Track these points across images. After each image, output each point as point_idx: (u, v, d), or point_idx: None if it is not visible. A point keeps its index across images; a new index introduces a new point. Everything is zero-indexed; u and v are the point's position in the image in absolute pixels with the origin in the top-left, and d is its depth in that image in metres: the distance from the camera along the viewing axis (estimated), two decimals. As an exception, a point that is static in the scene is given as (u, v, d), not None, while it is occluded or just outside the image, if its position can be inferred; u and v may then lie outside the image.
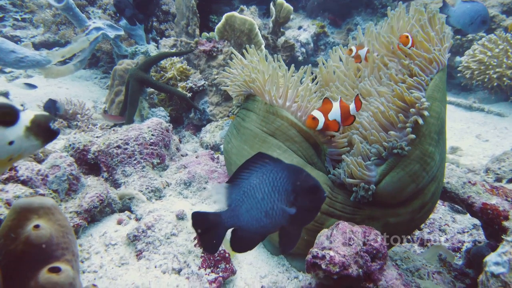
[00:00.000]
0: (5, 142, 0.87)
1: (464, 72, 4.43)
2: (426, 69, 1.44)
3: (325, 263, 1.29)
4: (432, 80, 1.44)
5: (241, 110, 1.77)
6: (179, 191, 2.09)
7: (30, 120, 0.91)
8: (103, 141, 2.12)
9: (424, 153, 1.39)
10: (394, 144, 1.37)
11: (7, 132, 0.87)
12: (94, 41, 3.39)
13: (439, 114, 1.42)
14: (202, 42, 3.24)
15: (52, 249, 0.97)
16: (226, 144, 1.86)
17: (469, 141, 3.80)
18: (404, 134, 1.37)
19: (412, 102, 1.36)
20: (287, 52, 3.82)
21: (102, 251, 1.65)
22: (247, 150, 1.68)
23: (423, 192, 1.44)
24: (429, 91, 1.41)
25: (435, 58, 1.43)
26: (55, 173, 1.68)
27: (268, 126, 1.61)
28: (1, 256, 0.93)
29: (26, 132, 0.91)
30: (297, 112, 1.57)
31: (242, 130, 1.71)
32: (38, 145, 0.96)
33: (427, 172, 1.41)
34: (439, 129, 1.43)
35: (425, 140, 1.39)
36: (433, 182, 1.46)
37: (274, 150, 1.60)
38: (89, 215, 1.72)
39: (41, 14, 4.75)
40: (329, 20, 6.41)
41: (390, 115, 1.40)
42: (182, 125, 3.35)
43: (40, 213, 0.99)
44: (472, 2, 2.54)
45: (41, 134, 0.94)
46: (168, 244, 1.69)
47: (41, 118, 0.93)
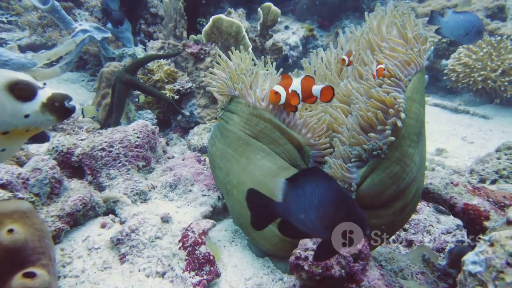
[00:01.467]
0: (21, 115, 0.99)
1: (450, 75, 4.49)
2: (404, 70, 1.45)
3: (308, 264, 1.30)
4: (410, 82, 1.44)
5: (225, 112, 1.75)
6: (165, 194, 2.08)
7: (47, 97, 1.01)
8: (88, 144, 2.10)
9: (404, 155, 1.40)
10: (374, 146, 1.37)
11: (24, 106, 0.98)
12: (81, 44, 3.36)
13: (417, 115, 1.43)
14: (190, 45, 3.23)
15: (27, 254, 0.95)
16: (210, 147, 1.85)
17: (455, 143, 3.86)
18: (384, 136, 1.37)
19: (391, 103, 1.37)
20: (275, 55, 3.83)
21: (84, 255, 1.63)
22: (230, 154, 1.67)
23: (404, 193, 1.45)
24: (408, 92, 1.42)
25: (412, 59, 1.44)
26: (36, 176, 1.65)
27: (252, 128, 1.61)
28: (-26, 261, 0.92)
29: (42, 107, 1.01)
30: (280, 114, 1.57)
31: (225, 133, 1.70)
32: (53, 120, 1.05)
33: (407, 174, 1.42)
34: (418, 130, 1.44)
35: (405, 141, 1.39)
36: (414, 183, 1.47)
37: (257, 153, 1.59)
38: (71, 218, 1.70)
39: (27, 17, 4.69)
40: (318, 23, 6.46)
41: (369, 117, 1.40)
42: (169, 128, 3.34)
43: (15, 217, 0.97)
44: (465, 13, 2.56)
45: (56, 111, 1.03)
46: (153, 247, 1.68)
47: (58, 96, 1.03)
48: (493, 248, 0.94)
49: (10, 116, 0.98)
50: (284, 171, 1.56)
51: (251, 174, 1.59)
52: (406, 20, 1.56)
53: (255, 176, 1.58)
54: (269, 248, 1.64)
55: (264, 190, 1.55)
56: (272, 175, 1.55)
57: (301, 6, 6.59)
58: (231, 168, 1.67)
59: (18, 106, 0.98)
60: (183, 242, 1.67)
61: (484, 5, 5.09)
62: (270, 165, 1.57)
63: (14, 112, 0.98)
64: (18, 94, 0.97)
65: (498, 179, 2.44)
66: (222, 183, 1.75)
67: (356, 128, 1.44)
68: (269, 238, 1.59)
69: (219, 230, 1.93)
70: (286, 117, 1.57)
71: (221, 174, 1.73)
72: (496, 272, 0.95)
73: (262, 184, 1.55)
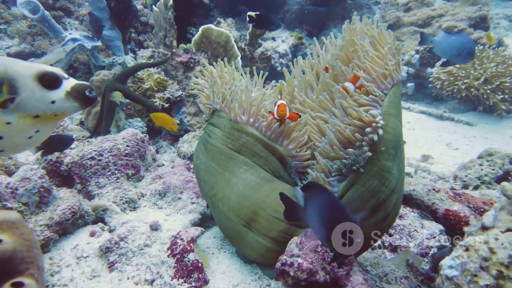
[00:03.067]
0: (48, 101, 1.15)
1: (435, 82, 4.60)
2: (381, 84, 1.47)
3: (293, 270, 1.33)
4: (387, 96, 1.46)
5: (208, 125, 1.75)
6: (154, 202, 2.10)
7: (71, 86, 1.17)
8: (77, 153, 2.11)
9: (382, 169, 1.43)
10: (353, 161, 1.41)
11: (50, 93, 1.15)
12: (71, 52, 3.37)
13: (395, 130, 1.46)
14: (180, 54, 3.27)
15: (15, 264, 0.97)
16: (195, 159, 1.85)
17: (440, 149, 3.94)
18: (362, 151, 1.40)
19: (369, 121, 1.39)
20: (264, 63, 3.89)
21: (73, 264, 1.64)
22: (214, 167, 1.67)
23: (384, 204, 1.49)
24: (384, 107, 1.44)
25: (390, 73, 1.46)
26: (25, 185, 1.66)
27: (234, 143, 1.61)
28: (-37, 270, 0.93)
29: (66, 95, 1.17)
30: (261, 127, 1.58)
31: (208, 146, 1.70)
32: (77, 106, 1.21)
33: (386, 186, 1.45)
34: (395, 144, 1.47)
35: (383, 156, 1.42)
36: (394, 193, 1.51)
37: (240, 167, 1.60)
38: (60, 227, 1.71)
39: (16, 25, 4.69)
40: (306, 31, 6.57)
41: (347, 135, 1.43)
42: (159, 135, 3.35)
43: (4, 227, 0.99)
44: (457, 34, 2.63)
45: (78, 98, 1.18)
46: (141, 255, 1.69)
47: (79, 86, 1.18)
48: (468, 253, 0.98)
49: (39, 102, 1.13)
50: (267, 182, 1.58)
51: (235, 187, 1.60)
52: (379, 34, 1.59)
53: (239, 189, 1.59)
54: (256, 257, 1.66)
55: (248, 203, 1.59)
56: (255, 188, 1.57)
57: (290, 15, 6.70)
58: (215, 181, 1.68)
59: (45, 94, 1.13)
60: (172, 250, 1.69)
61: (468, 15, 5.23)
62: (253, 178, 1.58)
63: (42, 98, 1.13)
64: (46, 83, 1.13)
65: (480, 185, 2.51)
66: (208, 196, 1.76)
67: (336, 143, 1.46)
68: (256, 249, 1.62)
69: (208, 237, 1.96)
70: (267, 130, 1.58)
71: (206, 187, 1.74)
72: (471, 275, 1.00)
73: (246, 197, 1.57)
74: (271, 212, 1.56)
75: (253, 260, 1.72)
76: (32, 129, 1.17)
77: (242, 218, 1.60)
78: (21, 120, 1.13)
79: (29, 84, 1.11)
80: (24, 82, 1.11)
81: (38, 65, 1.16)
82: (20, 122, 1.13)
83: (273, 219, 1.56)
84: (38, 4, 3.23)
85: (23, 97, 1.11)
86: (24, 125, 1.15)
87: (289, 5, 6.84)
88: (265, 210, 1.56)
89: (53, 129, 1.31)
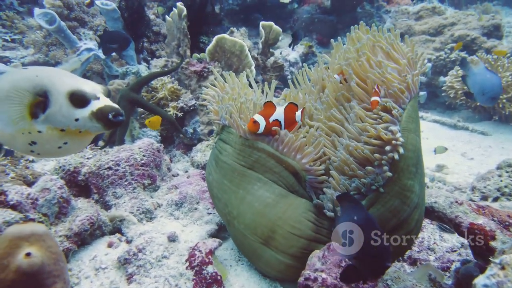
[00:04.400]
0: (72, 118, 1.19)
1: (449, 91, 4.56)
2: (399, 99, 1.42)
3: (317, 285, 1.30)
4: (405, 111, 1.42)
5: (218, 141, 1.71)
6: (170, 212, 2.08)
7: (97, 107, 1.19)
8: (94, 163, 2.11)
9: (404, 188, 1.39)
10: (372, 180, 1.37)
11: (76, 111, 1.18)
12: (86, 62, 3.41)
13: (415, 146, 1.42)
14: (193, 63, 3.28)
15: (43, 277, 0.96)
16: (207, 175, 1.81)
17: (455, 159, 3.89)
18: (381, 170, 1.35)
19: (388, 139, 1.34)
20: (277, 72, 3.89)
21: (92, 276, 1.63)
22: (227, 185, 1.63)
23: (406, 222, 1.45)
24: (403, 123, 1.40)
25: (408, 87, 1.42)
26: (45, 196, 1.67)
27: (246, 159, 1.57)
28: (-8, 285, 0.92)
29: (90, 115, 1.19)
30: (273, 142, 1.55)
31: (220, 163, 1.67)
32: (99, 127, 1.22)
33: (408, 205, 1.41)
34: (416, 160, 1.43)
35: (403, 175, 1.38)
36: (416, 210, 1.47)
37: (254, 184, 1.57)
38: (79, 238, 1.70)
39: (31, 35, 4.76)
40: (316, 40, 6.59)
41: (366, 154, 1.38)
42: (173, 145, 3.36)
43: (32, 240, 0.98)
44: (493, 73, 2.59)
45: (101, 120, 1.20)
46: (159, 267, 1.68)
47: (105, 108, 1.20)
48: (505, 272, 0.95)
49: (64, 117, 1.18)
50: (283, 198, 1.55)
51: (250, 205, 1.57)
52: (395, 44, 1.53)
53: (254, 207, 1.56)
54: (275, 274, 1.63)
55: (265, 220, 1.56)
56: (271, 205, 1.54)
57: (300, 23, 6.73)
58: (229, 199, 1.64)
59: (71, 111, 1.18)
60: (190, 262, 1.68)
61: (480, 23, 5.20)
62: (268, 195, 1.55)
63: (67, 115, 1.18)
64: (74, 101, 1.17)
65: (500, 197, 2.46)
66: (222, 213, 1.73)
67: (353, 162, 1.43)
68: (275, 266, 1.59)
69: (225, 249, 1.94)
70: (279, 144, 1.55)
71: (220, 205, 1.72)
72: (507, 294, 0.96)
73: (262, 214, 1.55)
74: (289, 229, 1.53)
75: (272, 277, 1.69)
76: (60, 140, 1.22)
77: (259, 236, 1.58)
78: (49, 131, 1.20)
79: (59, 99, 1.17)
80: (56, 97, 1.17)
81: (76, 82, 1.20)
82: (49, 133, 1.20)
83: (291, 236, 1.53)
84: (54, 15, 3.28)
85: (51, 111, 1.17)
86: (52, 136, 1.21)
87: (299, 14, 6.87)
88: (283, 227, 1.53)
89: (83, 143, 1.33)
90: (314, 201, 1.56)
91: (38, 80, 1.19)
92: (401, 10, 6.31)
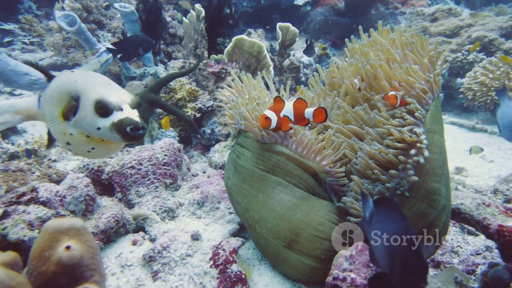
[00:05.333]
0: (94, 126, 1.19)
1: (466, 93, 4.50)
2: (422, 100, 1.39)
3: (346, 285, 1.29)
4: (428, 112, 1.39)
5: (235, 145, 1.71)
6: (192, 211, 2.10)
7: (118, 119, 1.17)
8: (117, 162, 2.14)
9: (430, 191, 1.37)
10: (397, 184, 1.35)
11: (98, 120, 1.18)
12: (105, 63, 3.46)
13: (440, 148, 1.39)
14: (211, 64, 3.30)
15: (82, 270, 0.98)
16: (226, 179, 1.80)
17: (474, 162, 3.83)
18: (406, 174, 1.32)
19: (412, 142, 1.31)
20: (293, 73, 3.89)
21: (118, 273, 1.65)
22: (247, 190, 1.63)
23: (434, 224, 1.43)
24: (427, 124, 1.37)
25: (432, 87, 1.39)
26: (72, 194, 1.69)
27: (265, 163, 1.56)
28: (33, 277, 0.94)
29: (111, 126, 1.17)
30: (291, 144, 1.54)
31: (238, 168, 1.66)
32: (118, 138, 1.19)
33: (435, 208, 1.39)
34: (442, 162, 1.40)
35: (430, 178, 1.35)
36: (443, 212, 1.44)
37: (275, 187, 1.56)
38: (105, 236, 1.73)
39: (49, 38, 4.85)
40: (330, 42, 6.56)
41: (390, 158, 1.36)
42: (190, 145, 3.38)
43: (71, 233, 1.00)
44: None
45: (120, 132, 1.18)
46: (184, 265, 1.69)
47: (125, 120, 1.17)
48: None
49: (87, 125, 1.20)
50: (304, 201, 1.54)
51: (272, 209, 1.56)
52: (418, 43, 1.49)
53: (276, 211, 1.55)
54: (300, 277, 1.62)
55: (287, 224, 1.55)
56: (293, 208, 1.53)
57: (314, 25, 6.72)
58: (249, 204, 1.64)
59: (95, 119, 1.18)
60: (214, 260, 1.68)
61: (498, 24, 5.13)
62: (290, 198, 1.54)
63: (91, 122, 1.19)
64: (98, 110, 1.17)
65: (524, 199, 2.42)
66: (243, 217, 1.73)
67: (376, 166, 1.40)
68: (300, 269, 1.58)
69: (247, 248, 1.94)
70: (298, 147, 1.53)
71: (240, 209, 1.72)
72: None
73: (285, 218, 1.54)
74: (313, 232, 1.52)
75: (297, 280, 1.68)
76: (88, 145, 1.25)
77: (282, 240, 1.57)
78: (78, 135, 1.23)
79: (87, 106, 1.18)
80: (84, 103, 1.19)
81: (105, 91, 1.19)
82: (78, 137, 1.23)
83: (315, 239, 1.52)
84: (75, 17, 3.34)
85: (79, 116, 1.20)
86: (81, 140, 1.24)
87: (313, 16, 6.86)
88: (306, 230, 1.53)
89: (110, 151, 1.35)
90: (336, 204, 1.55)
91: (76, 85, 1.22)
92: (416, 12, 6.26)
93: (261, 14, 6.50)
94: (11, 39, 5.50)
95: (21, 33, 5.59)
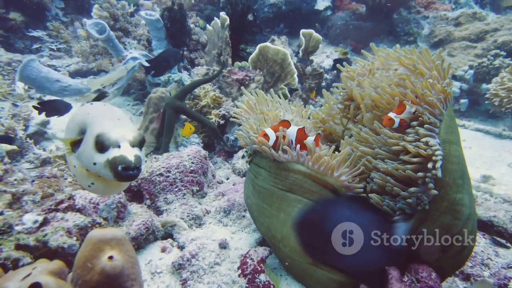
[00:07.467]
0: (91, 161, 1.15)
1: (493, 99, 4.39)
2: (435, 111, 1.37)
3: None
4: (442, 122, 1.37)
5: (252, 165, 1.72)
6: (219, 219, 2.12)
7: (113, 156, 1.11)
8: (146, 169, 2.18)
9: (453, 203, 1.35)
10: (418, 200, 1.34)
11: (95, 155, 1.14)
12: (131, 70, 3.54)
13: (458, 158, 1.37)
14: (235, 71, 3.34)
15: (123, 280, 1.01)
16: (246, 198, 1.82)
17: (501, 170, 3.73)
18: (426, 188, 1.31)
19: (428, 155, 1.30)
20: (316, 80, 3.89)
21: (148, 279, 1.68)
22: (267, 209, 1.64)
23: (460, 235, 1.42)
24: (442, 134, 1.35)
25: (445, 97, 1.37)
26: (105, 201, 1.74)
27: (283, 182, 1.57)
28: (78, 286, 0.98)
29: (105, 162, 1.12)
30: (308, 162, 1.54)
31: (257, 188, 1.68)
32: (111, 175, 1.13)
33: (459, 219, 1.37)
34: (462, 172, 1.38)
35: (451, 189, 1.34)
36: (468, 221, 1.42)
37: (295, 206, 1.56)
38: (136, 242, 1.76)
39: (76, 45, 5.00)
40: (351, 47, 6.52)
41: (408, 173, 1.35)
42: (213, 152, 3.41)
43: (112, 243, 1.03)
44: None
45: (112, 169, 1.12)
46: (212, 274, 1.71)
47: (118, 158, 1.11)
48: None
49: (86, 158, 1.16)
50: None
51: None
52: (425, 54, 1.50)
53: None
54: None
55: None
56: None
57: (335, 30, 6.69)
58: (271, 223, 1.64)
59: (92, 154, 1.14)
60: (242, 270, 1.70)
61: (527, 29, 4.99)
62: None
63: (88, 156, 1.15)
64: (96, 144, 1.13)
65: (558, 211, 2.34)
66: (266, 236, 1.74)
67: (395, 183, 1.40)
68: (328, 284, 1.57)
69: (274, 258, 1.94)
70: (314, 164, 1.53)
71: (263, 228, 1.73)
72: None
73: None
74: None
75: None
76: (87, 179, 1.22)
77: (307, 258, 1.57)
78: (80, 168, 1.22)
79: (89, 140, 1.15)
80: (88, 137, 1.16)
81: (107, 126, 1.15)
82: (79, 170, 1.22)
83: None
84: (105, 25, 3.43)
85: (81, 149, 1.19)
86: (81, 173, 1.22)
87: (333, 21, 6.83)
88: None
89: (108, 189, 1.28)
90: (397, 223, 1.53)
91: (86, 118, 1.22)
92: (439, 16, 6.15)
93: (281, 20, 6.51)
94: (39, 46, 5.69)
95: (49, 40, 5.77)
